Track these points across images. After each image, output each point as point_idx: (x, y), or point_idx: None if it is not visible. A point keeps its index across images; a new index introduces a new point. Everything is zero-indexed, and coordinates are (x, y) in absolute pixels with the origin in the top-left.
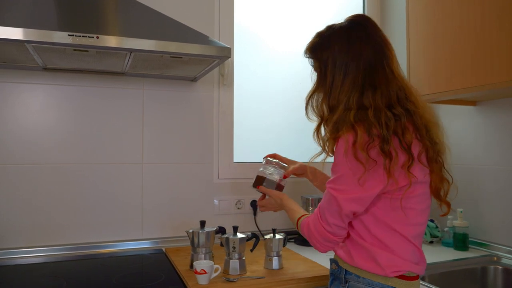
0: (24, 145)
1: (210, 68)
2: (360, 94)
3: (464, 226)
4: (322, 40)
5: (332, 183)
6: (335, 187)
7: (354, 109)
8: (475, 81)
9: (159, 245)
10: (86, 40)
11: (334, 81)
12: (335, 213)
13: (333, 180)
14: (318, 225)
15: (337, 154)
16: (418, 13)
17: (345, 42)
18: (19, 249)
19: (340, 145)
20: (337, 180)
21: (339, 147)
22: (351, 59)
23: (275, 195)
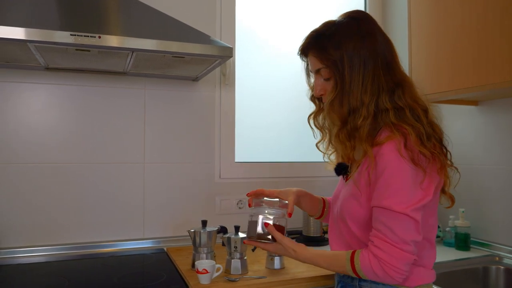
0: (25, 145)
1: (211, 67)
2: (391, 93)
3: (466, 226)
4: (329, 38)
5: (391, 199)
6: (398, 201)
7: (391, 109)
8: (477, 81)
9: (161, 244)
10: (88, 40)
11: (353, 81)
12: (409, 229)
13: (391, 194)
14: (395, 252)
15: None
16: (420, 13)
17: (358, 38)
18: (20, 248)
19: (390, 151)
20: (397, 192)
21: (389, 154)
22: (368, 56)
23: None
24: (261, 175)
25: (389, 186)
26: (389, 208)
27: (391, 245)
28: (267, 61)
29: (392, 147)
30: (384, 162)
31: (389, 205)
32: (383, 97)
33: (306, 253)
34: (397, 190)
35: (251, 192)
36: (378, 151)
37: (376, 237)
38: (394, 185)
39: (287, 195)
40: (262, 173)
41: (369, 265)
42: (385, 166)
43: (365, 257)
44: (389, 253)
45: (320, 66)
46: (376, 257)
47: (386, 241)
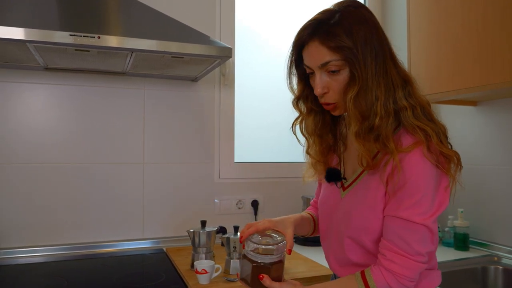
0: (25, 145)
1: (211, 68)
2: (403, 89)
3: (465, 226)
4: (338, 25)
5: (411, 209)
6: (419, 211)
7: (408, 107)
8: (477, 81)
9: (160, 245)
10: (87, 40)
11: (368, 72)
12: (426, 241)
13: (412, 204)
14: (410, 263)
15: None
16: (420, 13)
17: (366, 27)
18: (19, 248)
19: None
20: (418, 203)
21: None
22: (377, 46)
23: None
24: (261, 175)
25: (412, 196)
26: (408, 219)
27: (405, 257)
28: (267, 61)
29: (419, 155)
30: (411, 170)
31: (408, 216)
32: (398, 92)
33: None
34: (419, 199)
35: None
36: (402, 159)
37: (389, 250)
38: (417, 195)
39: (285, 227)
40: (262, 173)
41: (384, 281)
42: (411, 175)
43: (378, 274)
44: (403, 266)
45: (329, 57)
46: (390, 271)
47: (400, 254)
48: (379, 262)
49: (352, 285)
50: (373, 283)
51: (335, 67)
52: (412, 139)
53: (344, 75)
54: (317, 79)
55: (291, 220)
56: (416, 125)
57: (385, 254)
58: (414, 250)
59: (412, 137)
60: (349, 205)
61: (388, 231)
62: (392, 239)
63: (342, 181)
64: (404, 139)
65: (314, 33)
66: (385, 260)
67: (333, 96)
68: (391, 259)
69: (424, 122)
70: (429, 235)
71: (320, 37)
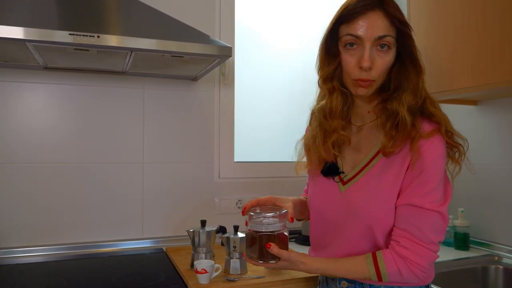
0: (25, 144)
1: (211, 67)
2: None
3: (465, 226)
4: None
5: (426, 196)
6: (433, 200)
7: (427, 96)
8: (477, 81)
9: (160, 244)
10: (87, 39)
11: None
12: (439, 228)
13: (427, 192)
14: (423, 251)
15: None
16: (420, 13)
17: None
18: (18, 248)
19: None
20: (433, 190)
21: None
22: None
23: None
24: (261, 175)
25: (427, 184)
26: (421, 206)
27: (419, 245)
28: (267, 61)
29: (439, 141)
30: (429, 158)
31: (421, 203)
32: (419, 81)
33: (317, 264)
34: (433, 189)
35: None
36: (422, 146)
37: (403, 237)
38: (432, 183)
39: (284, 202)
40: (262, 173)
41: (395, 265)
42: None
43: (390, 258)
44: (417, 253)
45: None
46: (402, 257)
47: (414, 241)
48: (392, 248)
49: (362, 266)
50: (384, 267)
51: (388, 43)
52: (430, 126)
53: (391, 55)
54: (367, 52)
55: (290, 198)
56: (435, 112)
57: (399, 241)
58: (428, 238)
59: (430, 124)
60: (355, 199)
61: (402, 219)
62: (405, 227)
63: (340, 176)
64: (423, 126)
65: (381, 2)
66: (398, 246)
67: (375, 73)
68: (404, 246)
69: (439, 110)
70: (441, 223)
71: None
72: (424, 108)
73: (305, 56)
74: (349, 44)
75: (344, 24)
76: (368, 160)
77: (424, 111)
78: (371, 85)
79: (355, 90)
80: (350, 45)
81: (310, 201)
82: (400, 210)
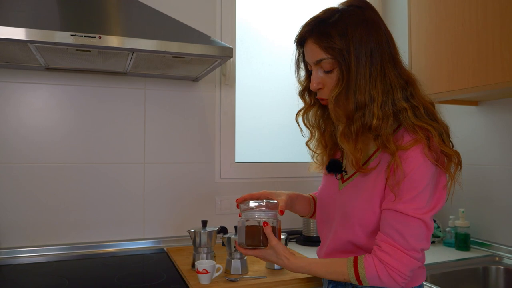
0: (26, 145)
1: (212, 68)
2: (403, 90)
3: (466, 226)
4: (334, 25)
5: (408, 203)
6: (415, 206)
7: (409, 108)
8: (477, 81)
9: (161, 244)
10: (88, 40)
11: (360, 74)
12: (421, 236)
13: (410, 198)
14: (404, 258)
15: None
16: (420, 13)
17: (364, 28)
18: (20, 248)
19: (416, 155)
20: (416, 197)
21: (415, 160)
22: (375, 48)
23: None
24: (262, 175)
25: (409, 190)
26: (404, 212)
27: (401, 251)
28: (269, 60)
29: (418, 151)
30: (410, 167)
31: (405, 210)
32: (397, 94)
33: (299, 262)
34: (416, 195)
35: (239, 198)
36: (401, 156)
37: (385, 242)
38: (415, 191)
39: (279, 195)
40: (263, 173)
41: (375, 270)
42: (410, 171)
43: (370, 263)
44: (397, 259)
45: (322, 56)
46: (382, 262)
47: (396, 247)
48: (374, 253)
49: (342, 269)
50: (363, 271)
51: (328, 65)
52: (411, 137)
53: (336, 73)
54: (313, 75)
55: (285, 192)
56: (417, 125)
57: (380, 246)
58: (410, 245)
59: (412, 136)
60: (346, 198)
61: (385, 224)
62: (388, 232)
63: (342, 174)
64: (405, 137)
65: (312, 31)
66: (379, 251)
67: (326, 92)
68: (385, 251)
69: (426, 122)
70: (425, 231)
71: (314, 36)
72: (404, 120)
73: None
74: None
75: None
76: (365, 161)
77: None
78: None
79: None
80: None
81: (317, 196)
82: (384, 214)
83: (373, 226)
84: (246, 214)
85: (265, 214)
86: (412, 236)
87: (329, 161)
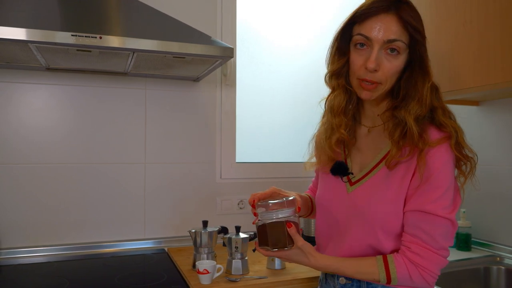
0: (27, 145)
1: (212, 68)
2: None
3: (467, 226)
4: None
5: (437, 203)
6: (443, 205)
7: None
8: (479, 81)
9: (162, 245)
10: (89, 40)
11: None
12: (449, 235)
13: (437, 198)
14: (435, 258)
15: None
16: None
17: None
18: (20, 248)
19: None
20: (443, 196)
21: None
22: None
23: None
24: (262, 176)
25: (437, 189)
26: (433, 213)
27: (431, 251)
28: (270, 60)
29: (447, 149)
30: (437, 163)
31: (434, 210)
32: (434, 93)
33: (327, 261)
34: (443, 193)
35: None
36: (428, 152)
37: (414, 243)
38: (442, 189)
39: (288, 192)
40: (263, 174)
41: (406, 271)
42: (438, 168)
43: (401, 263)
44: (429, 259)
45: (400, 36)
46: (413, 263)
47: (426, 247)
48: (403, 253)
49: (372, 268)
50: (394, 271)
51: (398, 48)
52: (439, 134)
53: (400, 60)
54: (374, 53)
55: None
56: (446, 122)
57: (410, 247)
58: (439, 244)
59: (439, 133)
60: (361, 201)
61: (412, 225)
62: (416, 233)
63: (348, 176)
64: (432, 134)
65: (397, 6)
66: (410, 253)
67: (381, 76)
68: (416, 252)
69: (454, 120)
70: (451, 230)
71: (401, 13)
72: (435, 117)
73: (307, 55)
74: (359, 44)
75: (357, 23)
76: (376, 162)
77: (434, 121)
78: (376, 88)
79: (359, 93)
80: (361, 45)
81: (317, 199)
82: (410, 215)
83: (397, 230)
84: (264, 214)
85: (285, 213)
86: (441, 236)
87: (335, 163)
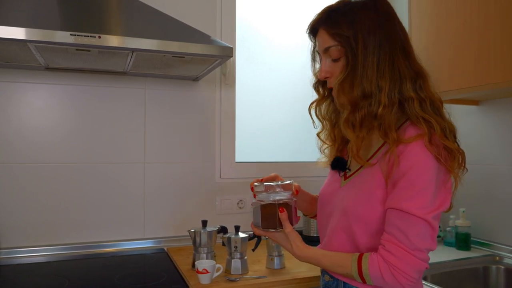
0: (26, 145)
1: (212, 67)
2: (413, 81)
3: (467, 226)
4: (344, 15)
5: (412, 201)
6: (420, 205)
7: (415, 98)
8: (478, 81)
9: (161, 244)
10: (88, 40)
11: (367, 62)
12: (426, 236)
13: (413, 196)
14: (408, 258)
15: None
16: (420, 13)
17: (375, 18)
18: (20, 248)
19: (418, 149)
20: (419, 195)
21: (417, 153)
22: (385, 38)
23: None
24: (262, 175)
25: (413, 187)
26: (408, 211)
27: (404, 251)
28: (269, 59)
29: (420, 145)
30: (411, 161)
31: (408, 208)
32: (406, 84)
33: (307, 251)
34: (419, 192)
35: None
36: (404, 149)
37: (389, 241)
38: (418, 187)
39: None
40: (263, 173)
41: (378, 269)
42: (411, 165)
43: (374, 260)
44: (402, 259)
45: (330, 43)
46: (386, 262)
47: (400, 246)
48: (378, 251)
49: (346, 264)
50: (366, 268)
51: (336, 53)
52: (415, 131)
53: (343, 62)
54: (321, 64)
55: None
56: (421, 116)
57: (385, 245)
58: (414, 245)
59: (415, 129)
60: (345, 195)
61: (389, 223)
62: (392, 232)
63: (345, 171)
64: (408, 131)
65: (323, 20)
66: (384, 251)
67: (333, 81)
68: (389, 250)
69: (430, 115)
70: (429, 231)
71: (325, 25)
72: (410, 110)
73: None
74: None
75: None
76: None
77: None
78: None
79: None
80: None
81: (319, 193)
82: (388, 213)
83: (375, 225)
84: (261, 195)
85: (281, 195)
86: (416, 236)
87: (334, 158)
